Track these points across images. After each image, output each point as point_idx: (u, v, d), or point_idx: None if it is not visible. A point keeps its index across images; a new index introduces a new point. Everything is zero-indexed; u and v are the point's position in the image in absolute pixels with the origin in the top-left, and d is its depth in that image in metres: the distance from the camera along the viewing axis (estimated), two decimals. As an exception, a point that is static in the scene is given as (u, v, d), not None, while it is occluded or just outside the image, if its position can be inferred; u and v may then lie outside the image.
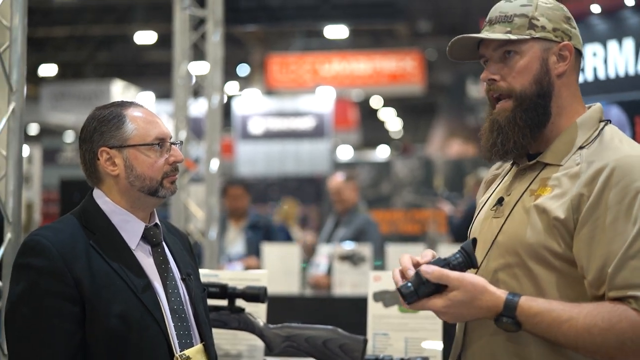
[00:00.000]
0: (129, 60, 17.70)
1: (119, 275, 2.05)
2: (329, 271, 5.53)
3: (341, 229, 5.99)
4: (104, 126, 2.16)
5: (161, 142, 2.17)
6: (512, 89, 1.87)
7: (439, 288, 1.74)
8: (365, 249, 5.18)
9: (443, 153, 15.41)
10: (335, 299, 5.19)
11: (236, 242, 5.88)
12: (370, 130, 21.97)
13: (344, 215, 6.05)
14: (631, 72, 6.44)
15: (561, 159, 1.84)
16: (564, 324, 1.70)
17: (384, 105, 21.61)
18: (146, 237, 2.17)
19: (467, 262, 1.75)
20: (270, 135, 11.71)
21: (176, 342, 2.11)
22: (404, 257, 1.83)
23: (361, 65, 14.95)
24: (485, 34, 1.90)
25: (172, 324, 2.11)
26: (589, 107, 1.92)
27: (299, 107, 11.95)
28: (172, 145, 2.20)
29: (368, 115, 20.99)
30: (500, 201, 1.92)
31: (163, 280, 2.15)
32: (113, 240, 2.11)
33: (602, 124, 1.88)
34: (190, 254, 2.39)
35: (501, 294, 1.74)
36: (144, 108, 2.22)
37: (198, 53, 5.37)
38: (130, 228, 2.14)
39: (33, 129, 19.71)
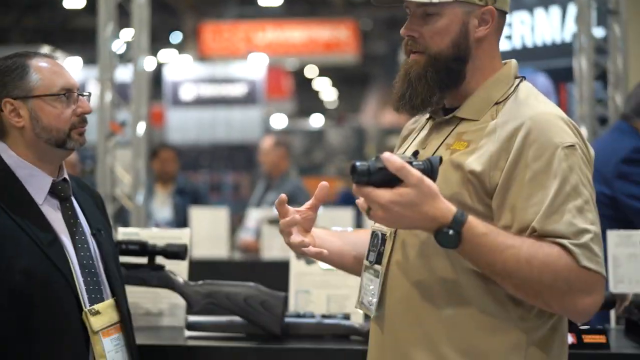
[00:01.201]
0: (57, 25, 17.24)
1: (22, 230, 2.01)
2: (258, 235, 5.53)
3: (271, 193, 5.99)
4: (6, 76, 2.10)
5: (67, 93, 2.13)
6: (428, 50, 1.86)
7: (392, 183, 1.60)
8: (294, 213, 5.18)
9: (376, 122, 15.49)
10: (262, 262, 5.19)
11: (164, 207, 5.84)
12: (305, 100, 21.93)
13: (275, 179, 6.05)
14: (557, 39, 6.56)
15: (477, 114, 1.85)
16: (507, 250, 1.66)
17: (319, 75, 21.56)
18: (54, 192, 2.13)
19: (428, 172, 1.64)
20: (202, 102, 11.59)
21: (85, 297, 2.08)
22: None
23: (295, 33, 14.86)
24: None
25: (81, 279, 2.08)
26: (505, 63, 1.92)
27: (230, 73, 11.84)
28: (80, 97, 2.16)
29: (303, 84, 20.94)
30: (415, 154, 1.93)
31: (72, 235, 2.12)
32: (17, 195, 2.06)
33: (518, 80, 1.90)
34: (103, 212, 2.35)
35: (452, 206, 1.66)
36: (49, 58, 2.17)
37: (125, 17, 5.25)
38: (37, 182, 2.10)
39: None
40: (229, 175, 10.71)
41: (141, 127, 5.16)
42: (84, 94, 2.19)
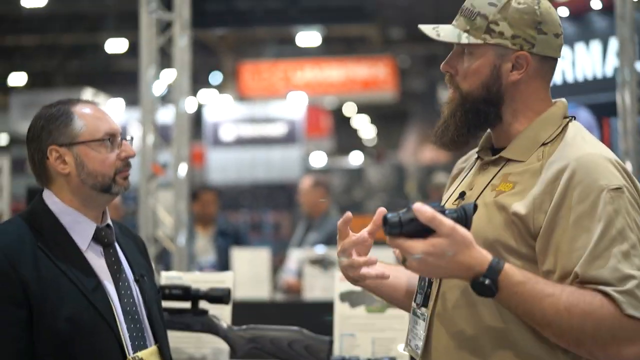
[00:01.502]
0: (100, 69, 17.55)
1: (67, 277, 2.01)
2: (300, 276, 5.50)
3: (312, 234, 5.97)
4: (51, 124, 2.12)
5: (112, 138, 2.14)
6: (460, 89, 1.85)
7: (425, 233, 1.59)
8: (335, 253, 5.13)
9: (416, 159, 15.43)
10: (305, 303, 5.15)
11: (206, 250, 5.85)
12: (344, 138, 21.97)
13: (315, 220, 6.03)
14: (598, 74, 6.49)
15: (523, 155, 1.82)
16: (545, 299, 1.62)
17: (357, 112, 21.61)
18: (97, 238, 2.13)
19: (462, 221, 1.62)
20: (242, 142, 11.65)
21: (129, 344, 2.07)
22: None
23: (334, 72, 14.94)
24: (438, 32, 1.86)
25: (124, 325, 2.07)
26: (554, 103, 1.89)
27: (270, 113, 11.90)
28: (123, 141, 2.17)
29: (341, 122, 20.99)
30: (462, 195, 1.90)
31: (115, 282, 2.11)
32: (62, 242, 2.07)
33: (566, 120, 1.86)
34: (145, 256, 2.35)
35: (487, 254, 1.63)
36: (92, 104, 2.19)
37: (166, 59, 5.32)
38: (81, 229, 2.11)
39: (2, 139, 19.48)
40: (269, 214, 10.71)
41: (183, 169, 5.19)
42: (127, 138, 2.20)
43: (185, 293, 2.60)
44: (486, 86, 1.83)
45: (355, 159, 21.75)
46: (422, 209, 1.57)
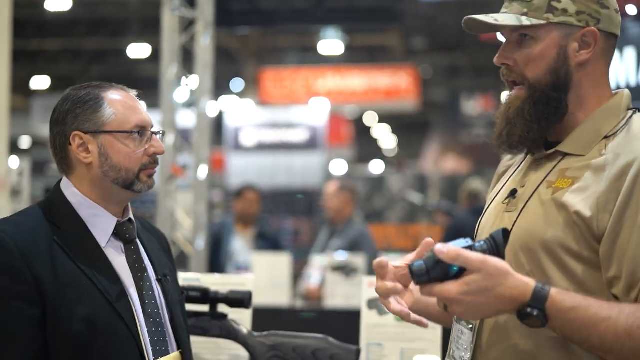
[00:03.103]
0: (123, 73, 17.55)
1: (85, 275, 1.85)
2: (322, 283, 5.34)
3: (335, 240, 5.81)
4: (78, 108, 1.95)
5: (142, 131, 1.98)
6: (524, 77, 1.69)
7: (457, 274, 1.46)
8: (359, 260, 4.98)
9: (437, 169, 15.27)
10: (327, 310, 4.99)
11: (245, 251, 5.72)
12: (364, 146, 21.85)
13: (339, 225, 5.87)
14: (632, 82, 6.30)
15: (583, 149, 1.65)
16: (601, 323, 1.46)
17: (378, 122, 21.49)
18: (118, 234, 1.97)
19: (493, 251, 1.47)
20: (263, 147, 11.53)
21: (149, 348, 1.91)
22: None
23: (355, 80, 14.81)
24: (495, 18, 1.71)
25: (145, 329, 1.91)
26: (616, 93, 1.72)
27: (292, 119, 11.77)
28: (153, 135, 2.01)
29: (362, 131, 20.86)
30: (513, 193, 1.73)
31: (136, 281, 1.95)
32: (80, 236, 1.91)
33: (630, 112, 1.69)
34: (168, 254, 2.20)
35: (529, 280, 1.46)
36: (125, 92, 2.02)
37: (188, 59, 5.19)
38: (101, 223, 1.95)
39: (24, 142, 19.49)
40: (289, 221, 10.58)
41: (203, 171, 5.07)
42: (158, 132, 2.04)
43: (203, 295, 2.44)
44: (554, 71, 1.67)
45: (376, 167, 21.60)
46: (444, 250, 1.42)
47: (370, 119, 20.53)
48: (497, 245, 1.47)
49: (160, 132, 2.07)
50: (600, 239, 1.56)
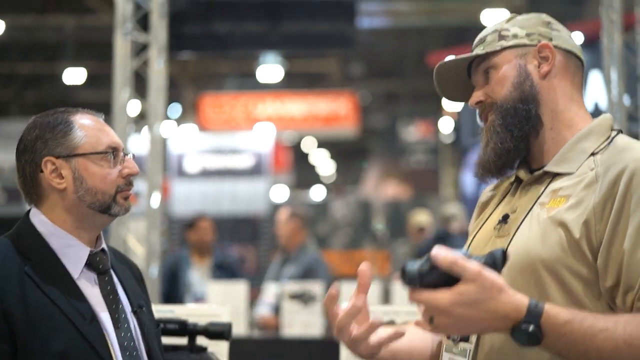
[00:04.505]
0: (57, 99, 17.21)
1: (58, 308, 1.78)
2: (277, 311, 5.26)
3: (289, 267, 5.75)
4: (48, 133, 1.89)
5: (114, 152, 1.92)
6: (494, 102, 1.75)
7: (449, 282, 1.39)
8: (316, 287, 4.93)
9: (378, 194, 15.35)
10: (284, 340, 4.91)
11: (202, 281, 5.63)
12: (303, 173, 21.85)
13: (292, 252, 5.82)
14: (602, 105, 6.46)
15: (572, 167, 1.67)
16: (598, 335, 1.43)
17: (317, 147, 21.53)
18: (91, 264, 1.90)
19: (490, 266, 1.42)
20: (207, 174, 11.40)
21: None
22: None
23: (295, 106, 14.82)
24: (457, 57, 1.83)
25: None
26: (599, 116, 1.77)
27: (236, 145, 11.69)
28: (125, 157, 1.96)
29: (300, 157, 20.87)
30: (505, 218, 1.72)
31: (111, 313, 1.88)
32: (51, 268, 1.84)
33: (615, 132, 1.72)
34: (142, 285, 2.13)
35: (522, 297, 1.43)
36: (92, 115, 1.98)
37: (140, 83, 5.10)
38: (73, 253, 1.88)
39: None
40: (234, 248, 10.47)
41: (156, 198, 4.96)
42: (129, 153, 1.99)
43: (181, 327, 2.37)
44: (518, 85, 1.74)
45: (317, 193, 21.61)
46: (441, 255, 1.38)
47: (308, 144, 20.56)
48: (495, 263, 1.43)
49: (132, 153, 2.02)
50: (598, 251, 1.56)
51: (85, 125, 1.92)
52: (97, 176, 1.89)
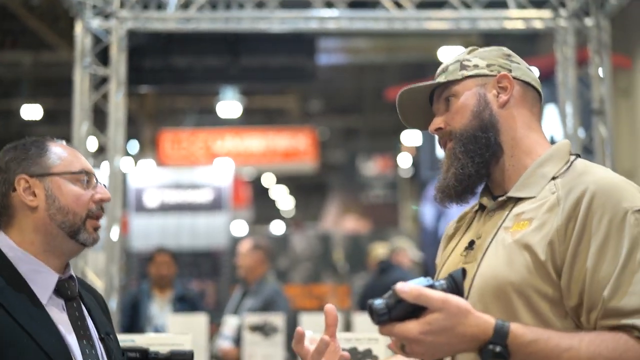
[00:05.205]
0: (14, 135, 17.03)
1: (26, 333, 1.77)
2: (237, 343, 5.23)
3: (249, 299, 5.72)
4: (22, 154, 1.92)
5: (88, 176, 1.96)
6: (453, 130, 1.81)
7: (417, 312, 1.46)
8: (278, 319, 4.91)
9: (338, 229, 15.38)
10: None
11: (163, 314, 5.59)
12: (262, 208, 21.82)
13: (252, 284, 5.79)
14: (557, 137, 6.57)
15: (534, 191, 1.73)
16: (563, 354, 1.49)
17: (276, 183, 21.55)
18: (59, 290, 1.91)
19: (454, 291, 1.48)
20: (166, 208, 11.35)
21: None
22: None
23: (254, 142, 14.85)
24: (420, 85, 1.89)
25: None
26: (557, 143, 1.84)
27: (195, 179, 11.66)
28: (98, 184, 1.98)
29: (260, 192, 20.85)
30: (471, 244, 1.78)
31: (79, 338, 1.89)
32: (20, 293, 1.83)
33: (573, 157, 1.79)
34: (107, 314, 2.14)
35: (489, 318, 1.49)
36: (65, 145, 2.02)
37: (99, 117, 5.09)
38: (42, 279, 1.88)
39: None
40: (193, 282, 10.39)
41: (115, 231, 4.93)
42: (101, 182, 2.03)
43: (142, 356, 2.36)
44: (477, 114, 1.80)
45: (277, 228, 21.57)
46: (405, 288, 1.44)
47: (268, 180, 20.58)
48: (457, 285, 1.48)
49: (103, 183, 2.05)
50: (561, 272, 1.60)
51: (59, 149, 1.97)
52: (70, 196, 1.92)
